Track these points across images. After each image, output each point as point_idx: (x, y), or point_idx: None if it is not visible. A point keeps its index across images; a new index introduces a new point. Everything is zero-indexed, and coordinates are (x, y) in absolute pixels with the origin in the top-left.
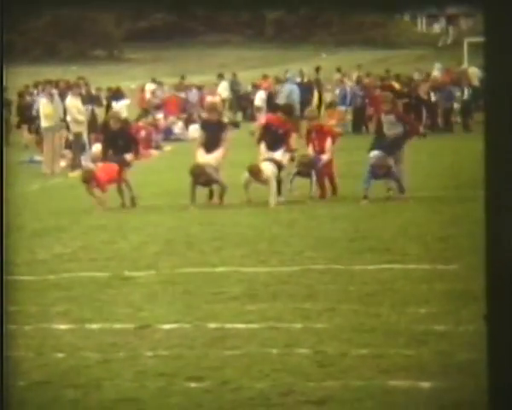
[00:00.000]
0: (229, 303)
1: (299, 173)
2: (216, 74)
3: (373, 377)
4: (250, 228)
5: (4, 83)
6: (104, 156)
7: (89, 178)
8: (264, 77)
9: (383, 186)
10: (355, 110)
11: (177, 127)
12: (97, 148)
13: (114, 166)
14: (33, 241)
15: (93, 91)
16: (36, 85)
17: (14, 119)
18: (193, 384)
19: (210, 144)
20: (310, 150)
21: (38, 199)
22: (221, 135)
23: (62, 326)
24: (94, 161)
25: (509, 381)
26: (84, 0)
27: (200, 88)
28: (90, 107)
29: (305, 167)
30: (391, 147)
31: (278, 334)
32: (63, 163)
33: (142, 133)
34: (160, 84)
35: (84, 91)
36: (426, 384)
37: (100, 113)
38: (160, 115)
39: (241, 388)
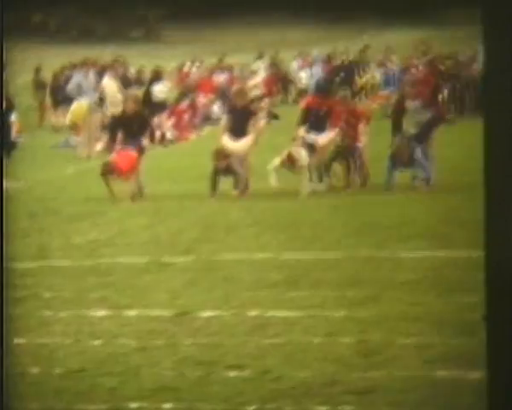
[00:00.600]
0: (269, 290)
1: (334, 159)
2: (256, 54)
3: (418, 367)
4: (290, 214)
5: (38, 63)
6: (116, 142)
7: (110, 170)
8: (305, 56)
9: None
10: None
11: (216, 109)
12: None
13: (133, 153)
14: (69, 226)
15: (131, 72)
16: (73, 66)
17: (48, 100)
18: (233, 373)
19: (237, 131)
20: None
21: (74, 183)
22: (249, 122)
23: (99, 313)
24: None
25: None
26: None
27: (237, 68)
28: (128, 88)
29: (342, 154)
30: (418, 136)
31: (320, 322)
32: (99, 146)
33: (183, 116)
34: (198, 64)
35: (121, 72)
36: (474, 375)
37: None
38: (199, 97)
39: (282, 377)
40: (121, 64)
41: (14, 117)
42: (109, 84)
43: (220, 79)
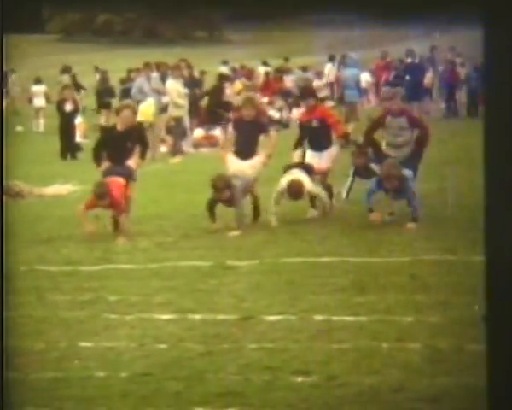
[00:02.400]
0: (335, 295)
1: (358, 174)
2: (323, 55)
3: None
4: (356, 217)
5: (102, 65)
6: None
7: (102, 193)
8: (383, 57)
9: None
10: (470, 93)
11: (278, 111)
12: (199, 133)
13: (121, 181)
14: (134, 228)
15: (196, 74)
16: (136, 69)
17: (113, 102)
18: (299, 379)
19: (244, 149)
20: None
21: (138, 185)
22: (258, 137)
23: (164, 316)
24: (195, 146)
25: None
26: None
27: (304, 69)
28: (192, 90)
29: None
30: (408, 159)
31: (388, 327)
32: (164, 148)
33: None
34: (263, 65)
35: (186, 74)
36: None
37: (202, 96)
38: (264, 99)
39: (348, 383)
40: (185, 66)
41: (79, 119)
42: (173, 86)
43: (286, 80)
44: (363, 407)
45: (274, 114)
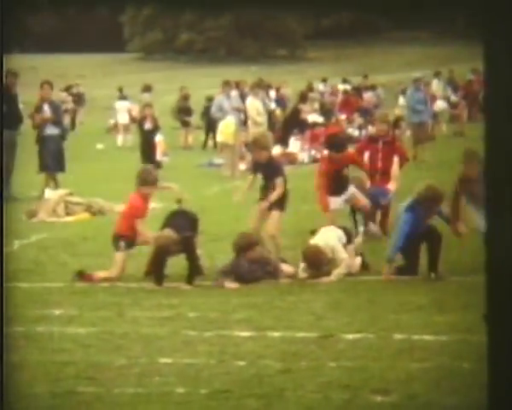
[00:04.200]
0: (415, 313)
1: (353, 211)
2: (403, 72)
3: None
4: None
5: (182, 83)
6: None
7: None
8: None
9: None
10: None
11: (354, 130)
12: (277, 150)
13: None
14: (213, 245)
15: (273, 92)
16: (217, 87)
17: (193, 120)
18: (379, 398)
19: (262, 194)
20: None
21: (218, 202)
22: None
23: (243, 333)
24: None
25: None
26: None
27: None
28: (271, 108)
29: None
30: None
31: (470, 347)
32: (243, 166)
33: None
34: (344, 83)
35: (265, 91)
36: None
37: (281, 114)
38: (343, 116)
39: (430, 403)
40: (265, 84)
41: (159, 137)
42: (252, 104)
43: (366, 98)
44: None
45: (352, 131)
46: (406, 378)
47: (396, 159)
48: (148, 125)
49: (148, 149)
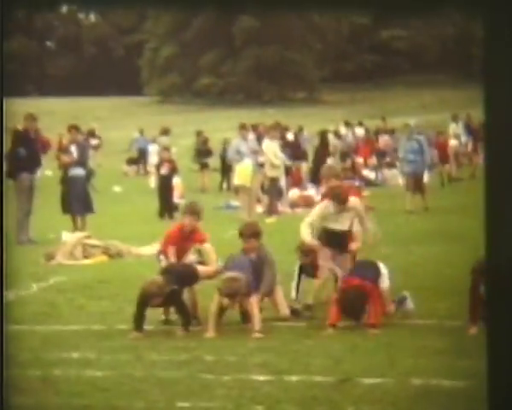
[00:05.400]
0: (434, 358)
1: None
2: (419, 115)
3: None
4: (452, 278)
5: (199, 126)
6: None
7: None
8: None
9: None
10: None
11: (371, 172)
12: (294, 193)
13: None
14: None
15: (290, 135)
16: (232, 131)
17: (210, 163)
18: None
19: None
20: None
21: (235, 245)
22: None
23: (261, 377)
24: (291, 206)
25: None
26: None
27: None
28: (288, 150)
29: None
30: None
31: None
32: (260, 209)
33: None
34: (359, 126)
35: (281, 135)
36: None
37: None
38: (360, 159)
39: None
40: (282, 127)
41: (176, 180)
42: (269, 147)
43: (383, 140)
44: None
45: (369, 173)
46: None
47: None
48: (165, 169)
49: (165, 191)
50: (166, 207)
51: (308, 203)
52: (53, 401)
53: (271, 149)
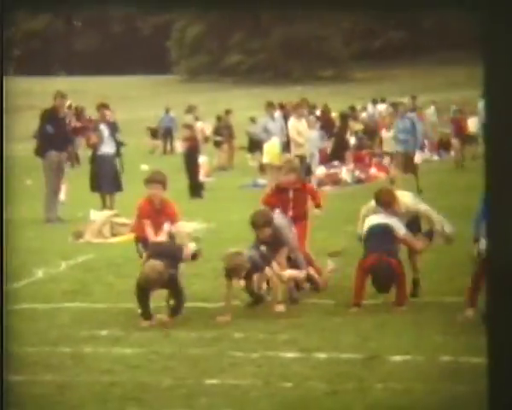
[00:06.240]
0: (462, 334)
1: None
2: (447, 92)
3: None
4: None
5: (227, 105)
6: None
7: None
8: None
9: None
10: None
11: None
12: (321, 171)
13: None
14: None
15: (317, 113)
16: (259, 109)
17: (237, 142)
18: None
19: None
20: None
21: None
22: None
23: (289, 354)
24: (319, 184)
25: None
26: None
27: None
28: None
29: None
30: None
31: None
32: None
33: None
34: (384, 102)
35: (308, 113)
36: None
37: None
38: (387, 134)
39: None
40: (309, 105)
41: (202, 159)
42: (294, 124)
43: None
44: None
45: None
46: (452, 401)
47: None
48: (184, 147)
49: (190, 169)
50: (193, 185)
51: (335, 181)
52: (82, 378)
53: (295, 127)
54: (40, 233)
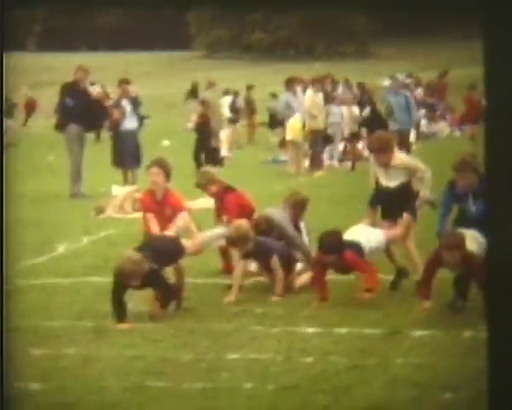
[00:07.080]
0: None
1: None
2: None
3: None
4: None
5: (248, 81)
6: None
7: None
8: None
9: None
10: None
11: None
12: (340, 146)
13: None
14: None
15: (339, 89)
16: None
17: (258, 118)
18: (447, 395)
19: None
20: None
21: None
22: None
23: (310, 329)
24: (340, 159)
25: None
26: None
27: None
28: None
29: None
30: None
31: None
32: (308, 162)
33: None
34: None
35: (328, 88)
36: None
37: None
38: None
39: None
40: (329, 80)
41: (223, 135)
42: (310, 97)
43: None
44: None
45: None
46: (475, 376)
47: None
48: (192, 123)
49: (209, 146)
50: (211, 160)
51: (357, 156)
52: (105, 352)
53: (311, 100)
54: (62, 209)
